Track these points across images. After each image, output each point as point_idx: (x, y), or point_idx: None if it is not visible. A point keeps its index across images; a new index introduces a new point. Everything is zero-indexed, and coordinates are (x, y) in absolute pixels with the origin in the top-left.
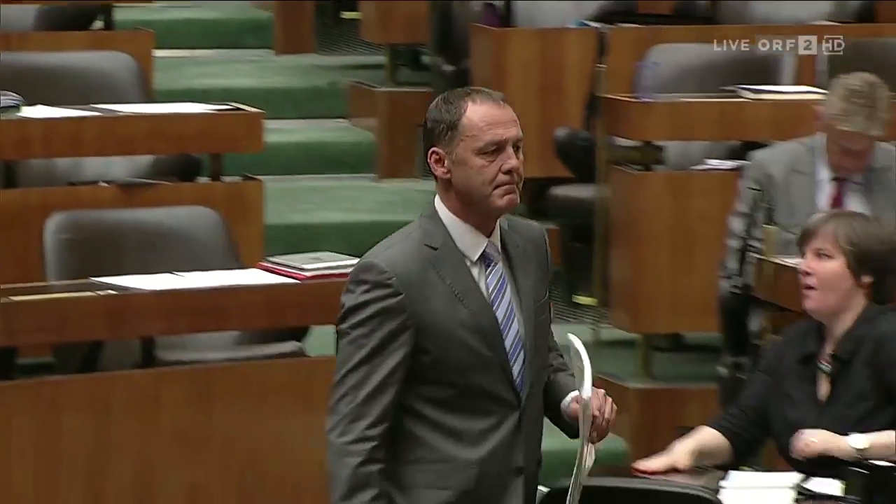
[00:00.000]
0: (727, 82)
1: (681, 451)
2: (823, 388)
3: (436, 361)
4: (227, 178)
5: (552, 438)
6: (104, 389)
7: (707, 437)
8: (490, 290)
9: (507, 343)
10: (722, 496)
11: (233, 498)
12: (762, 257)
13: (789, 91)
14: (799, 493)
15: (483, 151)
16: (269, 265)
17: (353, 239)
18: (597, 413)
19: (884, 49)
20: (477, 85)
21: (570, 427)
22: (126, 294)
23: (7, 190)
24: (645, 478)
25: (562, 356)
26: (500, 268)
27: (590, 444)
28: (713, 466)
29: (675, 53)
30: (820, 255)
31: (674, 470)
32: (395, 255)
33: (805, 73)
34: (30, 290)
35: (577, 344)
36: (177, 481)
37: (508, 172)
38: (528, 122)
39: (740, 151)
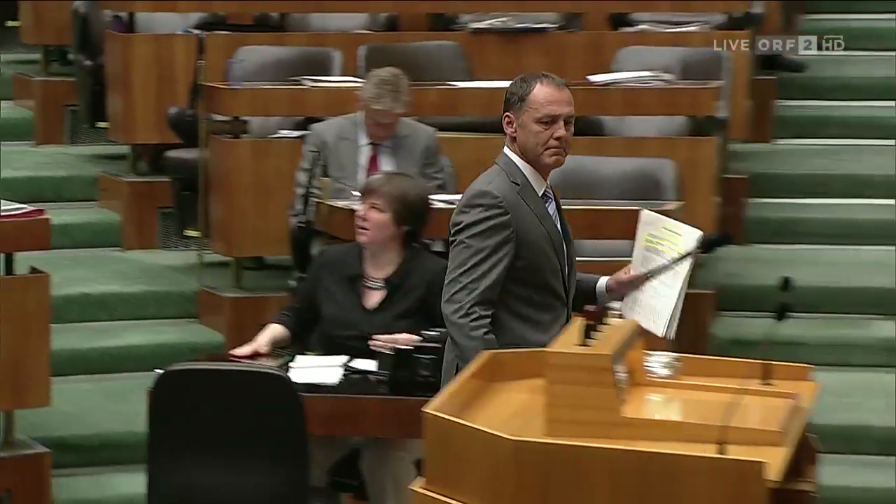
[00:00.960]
0: (294, 74)
1: (261, 341)
2: (372, 300)
3: (526, 265)
4: None
5: None
6: None
7: (275, 329)
8: (553, 217)
9: (565, 256)
10: (290, 373)
11: None
12: (320, 201)
13: (338, 80)
14: (346, 370)
15: (541, 121)
16: None
17: (17, 189)
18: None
19: (405, 50)
20: (109, 76)
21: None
22: None
23: None
24: (237, 361)
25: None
26: (553, 204)
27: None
28: (283, 350)
29: (256, 53)
30: (374, 207)
31: (257, 354)
32: (499, 186)
33: (349, 67)
34: None
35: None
36: None
37: (558, 139)
38: (147, 103)
39: (304, 124)
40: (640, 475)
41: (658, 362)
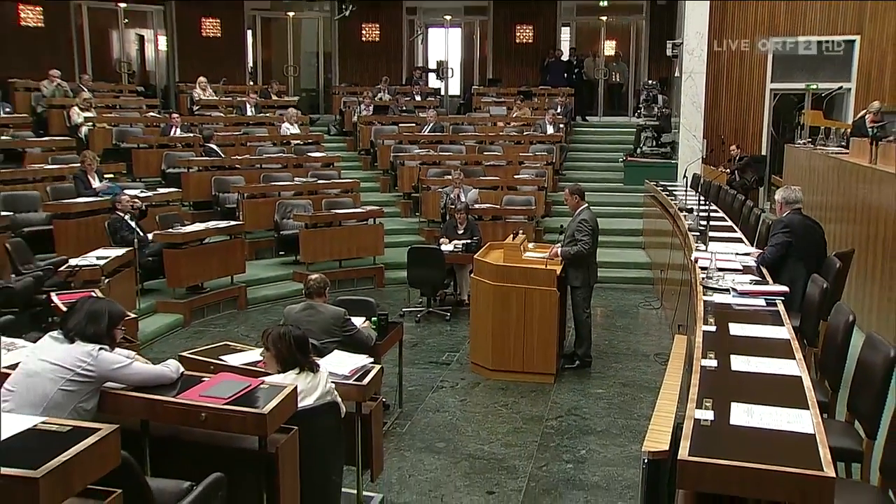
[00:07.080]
0: None
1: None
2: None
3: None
4: None
5: None
6: None
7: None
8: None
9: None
10: (440, 247)
11: None
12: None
13: None
14: (454, 247)
15: None
16: None
17: None
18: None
19: None
20: None
21: None
22: None
23: None
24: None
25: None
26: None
27: None
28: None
29: None
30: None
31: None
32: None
33: None
34: None
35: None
36: None
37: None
38: None
39: None
40: (523, 274)
41: (531, 244)
